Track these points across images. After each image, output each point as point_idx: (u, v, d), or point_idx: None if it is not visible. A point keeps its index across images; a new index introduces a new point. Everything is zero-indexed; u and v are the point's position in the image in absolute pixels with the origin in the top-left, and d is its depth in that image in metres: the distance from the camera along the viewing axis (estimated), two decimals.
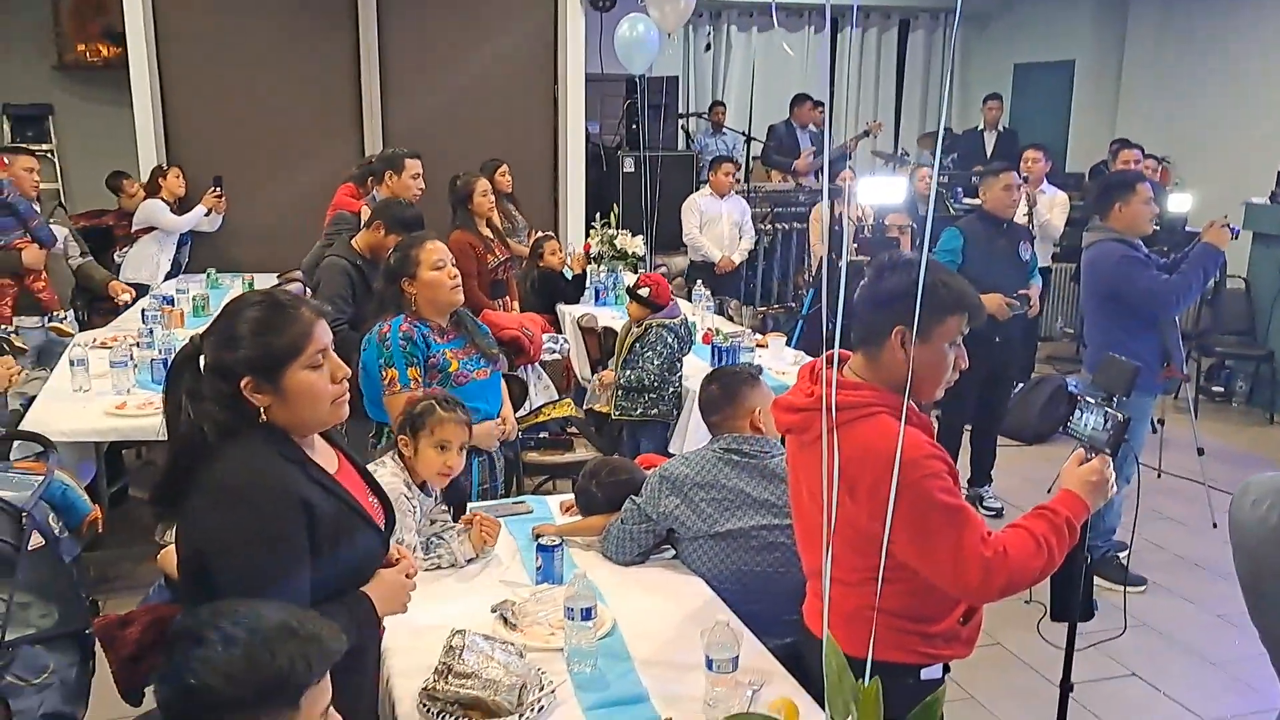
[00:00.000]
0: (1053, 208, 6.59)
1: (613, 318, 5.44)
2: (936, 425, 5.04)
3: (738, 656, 2.02)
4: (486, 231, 5.37)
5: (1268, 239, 6.90)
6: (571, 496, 2.94)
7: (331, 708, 1.37)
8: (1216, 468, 5.25)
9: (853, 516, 1.93)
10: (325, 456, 1.87)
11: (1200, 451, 5.13)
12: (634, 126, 8.21)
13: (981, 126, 9.03)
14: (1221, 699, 3.52)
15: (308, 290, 4.30)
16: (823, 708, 1.95)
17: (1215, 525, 4.93)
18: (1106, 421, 2.06)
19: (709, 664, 2.01)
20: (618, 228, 6.50)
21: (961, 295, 1.99)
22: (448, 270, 3.11)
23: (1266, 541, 1.55)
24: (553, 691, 2.03)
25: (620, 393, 4.34)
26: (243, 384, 1.71)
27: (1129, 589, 4.16)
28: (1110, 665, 3.69)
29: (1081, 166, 9.41)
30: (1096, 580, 3.90)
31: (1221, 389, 7.20)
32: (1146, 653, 3.81)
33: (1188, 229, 5.87)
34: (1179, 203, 5.25)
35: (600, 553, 2.71)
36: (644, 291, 4.37)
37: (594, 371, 5.07)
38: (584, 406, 4.67)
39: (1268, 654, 1.62)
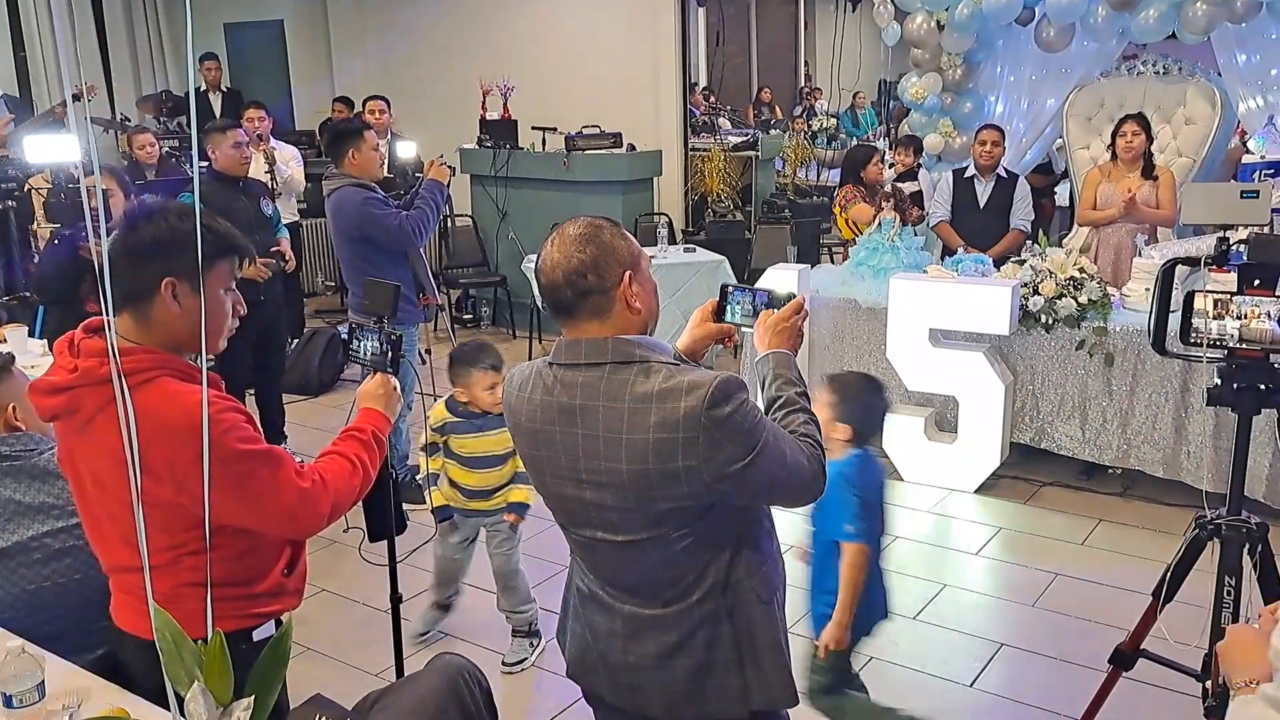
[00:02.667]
0: (289, 163, 6.68)
1: None
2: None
3: (43, 683, 1.76)
4: None
5: (481, 179, 7.85)
6: None
7: None
8: None
9: (153, 495, 1.79)
10: None
11: None
12: None
13: (204, 87, 8.73)
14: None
15: None
16: (157, 703, 1.81)
17: None
18: (383, 344, 2.19)
19: (8, 701, 1.72)
20: None
21: (228, 237, 1.93)
22: None
23: (533, 416, 1.79)
24: None
25: None
26: None
27: (427, 505, 4.51)
28: (424, 576, 3.98)
29: (309, 124, 9.65)
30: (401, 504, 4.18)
31: (470, 315, 8.10)
32: None
33: (418, 174, 6.40)
34: (405, 149, 5.69)
35: None
36: None
37: None
38: None
39: (553, 513, 1.88)
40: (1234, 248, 2.34)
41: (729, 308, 1.98)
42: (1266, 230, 2.73)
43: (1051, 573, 4.00)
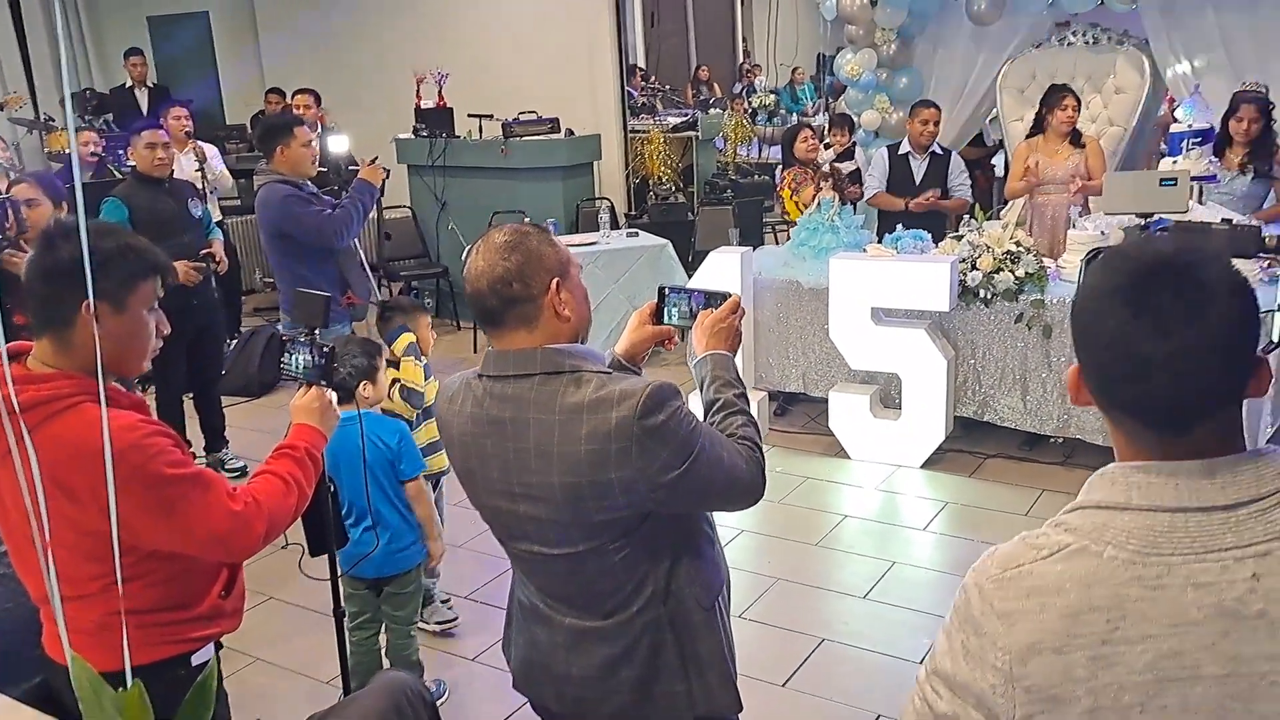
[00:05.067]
0: (216, 158, 6.57)
1: None
2: (154, 402, 4.78)
3: None
4: None
5: (418, 169, 7.74)
6: None
7: None
8: None
9: (80, 522, 1.75)
10: None
11: None
12: None
13: (130, 84, 8.52)
14: (475, 576, 4.01)
15: None
16: None
17: None
18: (315, 357, 2.14)
19: None
20: None
21: (151, 256, 1.88)
22: None
23: (464, 429, 1.77)
24: None
25: None
26: None
27: None
28: None
29: (240, 117, 9.45)
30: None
31: None
32: None
33: (352, 168, 6.29)
34: (337, 144, 5.58)
35: None
36: None
37: None
38: None
39: (489, 527, 1.86)
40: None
41: (667, 310, 1.96)
42: (1188, 217, 2.77)
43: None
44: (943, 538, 4.22)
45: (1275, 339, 1.98)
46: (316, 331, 2.20)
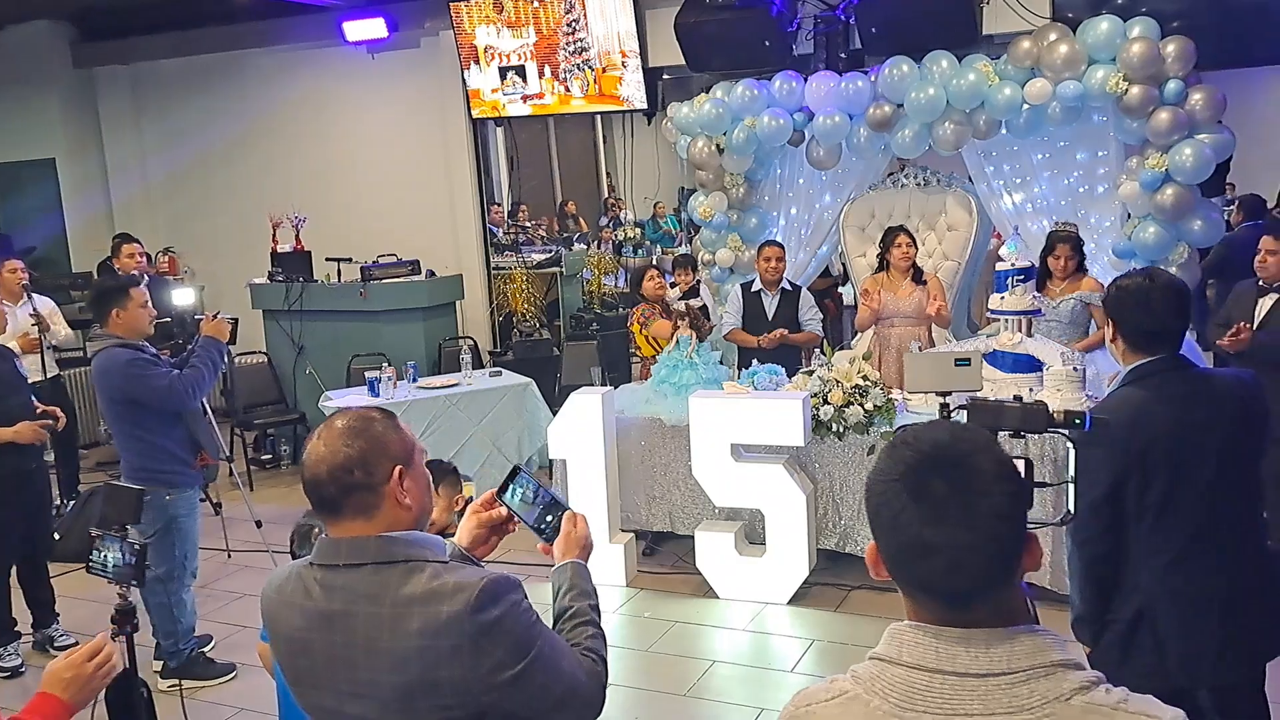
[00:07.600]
0: (53, 314, 6.30)
1: None
2: None
3: None
4: None
5: (274, 314, 7.59)
6: None
7: None
8: (278, 532, 5.59)
9: None
10: None
11: (259, 524, 5.42)
12: None
13: None
14: None
15: None
16: None
17: None
18: (126, 555, 2.02)
19: None
20: None
21: None
22: None
23: (291, 622, 1.68)
24: None
25: None
26: None
27: (221, 679, 4.25)
28: None
29: (87, 264, 9.14)
30: (188, 683, 3.90)
31: (270, 455, 7.72)
32: None
33: (198, 317, 6.12)
34: (182, 297, 5.43)
35: None
36: None
37: None
38: None
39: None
40: (954, 412, 2.48)
41: (512, 487, 1.91)
42: (982, 396, 2.92)
43: None
44: (811, 679, 4.19)
45: (1071, 509, 2.07)
46: (128, 528, 2.07)
